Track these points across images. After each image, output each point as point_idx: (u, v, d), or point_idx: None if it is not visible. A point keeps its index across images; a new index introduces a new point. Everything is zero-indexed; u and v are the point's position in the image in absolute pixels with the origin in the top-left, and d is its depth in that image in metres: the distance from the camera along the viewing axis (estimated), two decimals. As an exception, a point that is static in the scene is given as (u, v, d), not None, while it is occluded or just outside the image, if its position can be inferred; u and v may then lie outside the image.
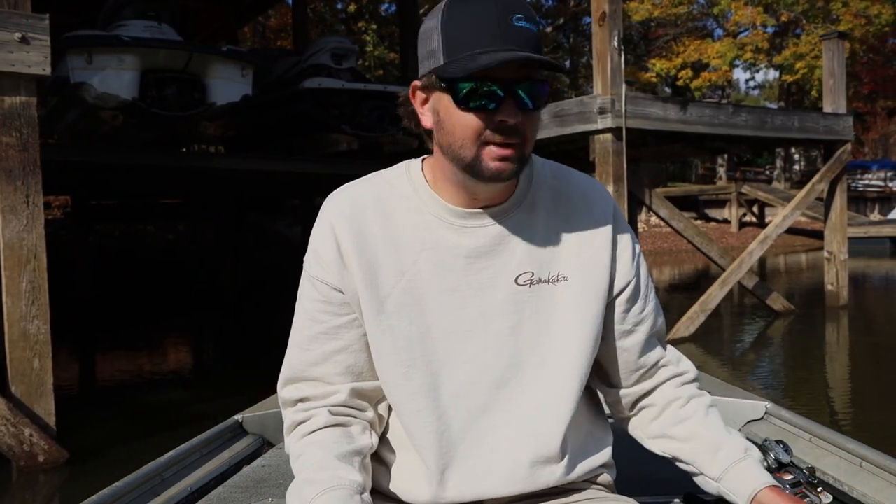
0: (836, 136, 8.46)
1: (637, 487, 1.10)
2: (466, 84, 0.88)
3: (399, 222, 1.00)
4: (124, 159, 6.66)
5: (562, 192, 1.04)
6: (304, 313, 1.03)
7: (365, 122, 7.34)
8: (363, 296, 0.97)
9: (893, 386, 5.53)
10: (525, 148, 0.93)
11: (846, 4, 22.89)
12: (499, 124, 0.89)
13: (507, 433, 0.99)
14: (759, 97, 39.45)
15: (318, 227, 1.02)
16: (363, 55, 23.28)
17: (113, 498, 1.29)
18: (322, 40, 8.52)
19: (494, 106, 0.89)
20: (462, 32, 0.89)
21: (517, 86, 0.89)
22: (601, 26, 6.43)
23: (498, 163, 0.91)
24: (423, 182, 1.01)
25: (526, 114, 0.91)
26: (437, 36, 0.91)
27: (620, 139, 6.46)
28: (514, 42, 0.87)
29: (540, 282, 1.00)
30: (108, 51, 5.87)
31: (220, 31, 12.61)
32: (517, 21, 0.88)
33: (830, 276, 8.72)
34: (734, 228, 21.79)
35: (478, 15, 0.88)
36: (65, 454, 3.83)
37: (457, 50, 0.89)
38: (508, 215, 1.00)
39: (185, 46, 6.28)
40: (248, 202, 12.76)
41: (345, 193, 1.03)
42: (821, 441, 1.54)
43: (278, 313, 10.72)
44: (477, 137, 0.91)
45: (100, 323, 9.51)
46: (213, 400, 5.27)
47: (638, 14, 25.38)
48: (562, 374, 1.00)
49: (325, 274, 0.99)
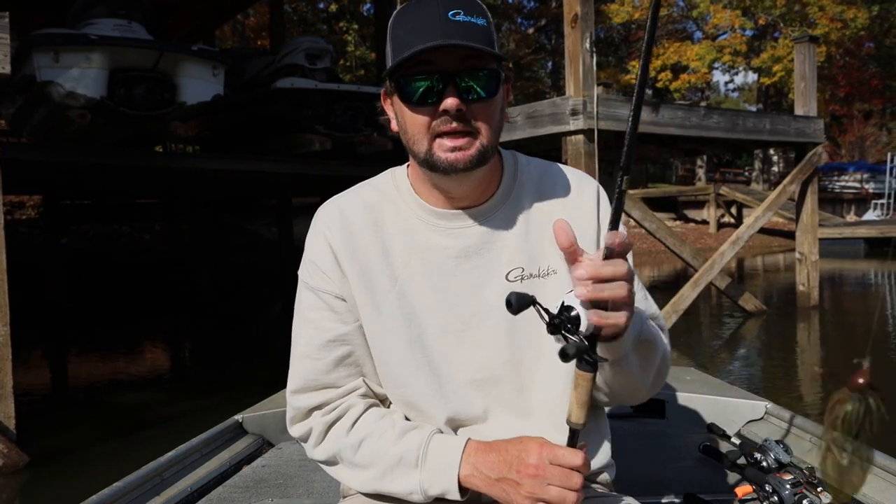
0: (808, 138, 8.55)
1: (637, 487, 1.11)
2: (409, 80, 0.92)
3: (389, 228, 1.02)
4: (95, 158, 6.59)
5: (548, 188, 1.06)
6: (308, 323, 1.03)
7: (338, 122, 7.31)
8: (360, 302, 1.00)
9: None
10: (481, 137, 0.94)
11: (822, 8, 23.20)
12: (442, 114, 0.92)
13: (505, 429, 1.00)
14: (739, 99, 39.84)
15: (312, 238, 1.04)
16: (344, 55, 23.21)
17: (113, 498, 1.31)
18: (296, 40, 8.48)
19: (435, 97, 0.92)
20: (405, 34, 0.93)
21: (457, 76, 0.92)
22: (573, 28, 6.46)
23: (451, 154, 0.93)
24: (408, 187, 1.04)
25: (474, 103, 0.93)
26: (388, 42, 0.96)
27: (592, 141, 6.49)
28: (453, 36, 0.90)
29: (531, 276, 1.01)
30: (75, 49, 5.81)
31: (198, 30, 12.48)
32: (454, 16, 0.90)
33: (802, 277, 8.81)
34: (712, 229, 21.97)
35: (419, 15, 0.92)
36: (25, 458, 3.77)
37: (399, 51, 0.92)
38: (493, 213, 1.02)
39: (154, 45, 6.22)
40: (225, 202, 12.66)
41: (335, 204, 1.06)
42: (820, 441, 1.55)
43: (255, 314, 10.66)
44: (427, 130, 0.94)
45: (72, 325, 9.39)
46: (186, 402, 5.24)
47: (618, 16, 25.56)
48: (560, 369, 1.00)
49: (326, 283, 1.01)
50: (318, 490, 1.57)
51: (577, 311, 0.80)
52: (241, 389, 4.93)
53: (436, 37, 0.89)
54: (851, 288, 12.71)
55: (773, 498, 1.34)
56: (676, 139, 7.85)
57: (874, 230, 18.22)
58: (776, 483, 1.35)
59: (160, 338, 8.98)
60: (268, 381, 2.05)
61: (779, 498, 1.33)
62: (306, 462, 1.72)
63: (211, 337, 8.81)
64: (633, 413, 1.98)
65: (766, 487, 1.36)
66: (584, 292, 0.79)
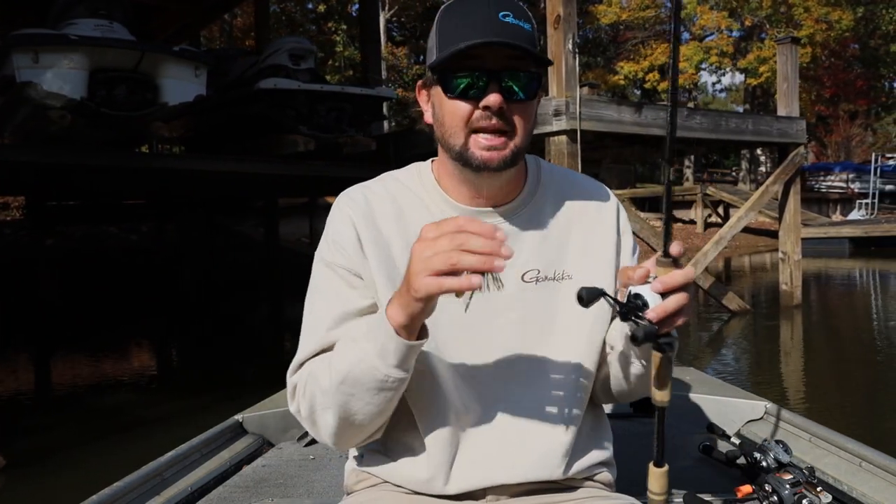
0: (790, 138, 8.63)
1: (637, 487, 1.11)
2: (454, 73, 0.94)
3: (411, 219, 1.03)
4: (77, 159, 6.53)
5: (568, 195, 1.08)
6: (324, 298, 1.01)
7: (322, 122, 7.30)
8: (380, 286, 0.99)
9: (828, 379, 5.67)
10: (516, 138, 0.97)
11: (808, 10, 23.39)
12: (484, 110, 0.93)
13: (512, 426, 1.01)
14: (727, 100, 40.08)
15: (336, 217, 1.04)
16: (333, 55, 23.17)
17: (113, 497, 1.30)
18: (280, 40, 8.44)
19: (478, 92, 0.94)
20: (453, 29, 0.95)
21: (502, 74, 0.94)
22: (556, 29, 6.49)
23: (485, 152, 0.95)
24: (432, 181, 1.05)
25: (513, 104, 0.95)
26: (434, 35, 0.98)
27: (575, 141, 6.52)
28: (504, 35, 0.92)
29: (546, 279, 1.03)
30: (55, 49, 5.76)
31: (183, 30, 12.42)
32: (504, 17, 0.93)
33: (785, 276, 8.89)
34: (700, 229, 22.07)
35: (469, 13, 0.94)
36: (1, 461, 3.75)
37: (447, 45, 0.94)
38: (516, 214, 1.04)
39: (135, 45, 6.17)
40: (212, 203, 12.61)
41: (359, 190, 1.06)
42: (820, 441, 1.56)
43: (242, 315, 10.62)
44: (465, 124, 0.95)
45: (57, 326, 9.32)
46: (171, 404, 5.22)
47: (606, 17, 25.69)
48: (565, 371, 1.03)
49: (346, 261, 1.01)
50: (319, 490, 1.56)
51: (646, 298, 0.83)
52: (231, 391, 4.93)
53: (487, 34, 0.91)
54: (835, 287, 12.81)
55: (773, 497, 1.34)
56: (660, 139, 7.91)
57: (858, 230, 18.37)
58: (776, 483, 1.35)
59: (146, 338, 8.93)
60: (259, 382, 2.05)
61: (778, 497, 1.34)
62: (307, 462, 1.72)
63: (197, 337, 8.77)
64: (633, 413, 1.97)
65: (766, 487, 1.37)
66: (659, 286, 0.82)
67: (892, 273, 14.52)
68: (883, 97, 31.89)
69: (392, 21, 25.81)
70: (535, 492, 1.04)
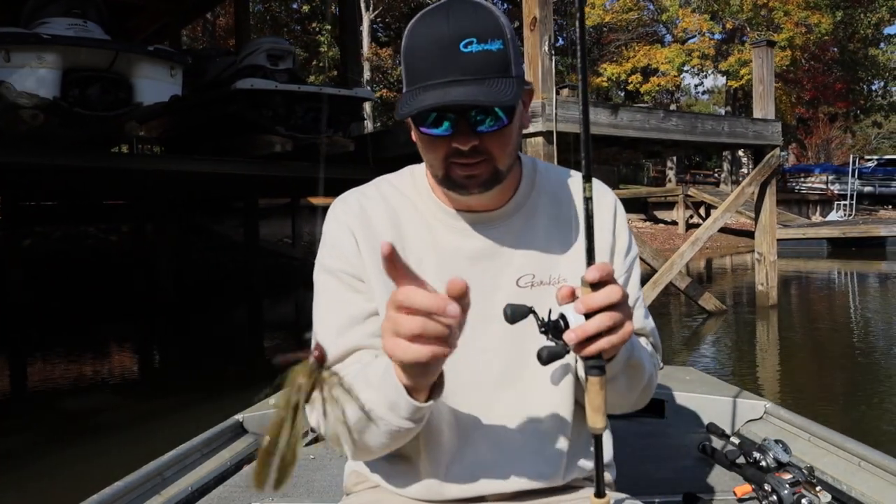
0: (765, 140, 8.72)
1: (637, 487, 1.11)
2: (423, 113, 0.90)
3: (405, 224, 1.02)
4: (50, 159, 6.48)
5: (563, 196, 1.06)
6: (330, 307, 1.01)
7: (300, 123, 7.28)
8: (377, 291, 0.99)
9: (802, 375, 5.75)
10: (496, 162, 0.94)
11: (788, 13, 23.64)
12: (455, 150, 0.92)
13: (508, 431, 1.01)
14: (709, 102, 40.43)
15: (333, 223, 1.03)
16: (317, 56, 23.11)
17: (114, 497, 1.30)
18: (258, 40, 8.41)
19: (449, 133, 0.91)
20: (416, 61, 0.91)
21: (469, 113, 0.90)
22: (532, 31, 6.52)
23: (465, 180, 0.94)
24: (426, 186, 1.04)
25: (485, 135, 0.92)
26: (402, 60, 0.94)
27: (552, 143, 6.55)
28: (465, 71, 0.88)
29: (541, 283, 1.02)
30: (27, 49, 5.70)
31: (163, 29, 12.35)
32: (466, 48, 0.87)
33: (761, 277, 8.98)
34: (681, 230, 22.26)
35: (430, 43, 0.89)
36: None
37: (413, 79, 0.91)
38: (509, 218, 1.03)
39: (109, 45, 6.13)
40: (192, 204, 12.53)
41: (353, 195, 1.05)
42: (819, 440, 1.56)
43: (221, 316, 10.57)
44: (441, 157, 0.94)
45: (34, 328, 9.23)
46: (147, 405, 5.18)
47: (590, 19, 25.78)
48: (562, 375, 1.02)
49: (348, 265, 1.00)
50: (319, 490, 1.57)
51: (569, 319, 0.82)
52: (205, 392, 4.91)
53: (448, 72, 0.87)
54: (811, 287, 12.97)
55: (772, 497, 1.35)
56: (637, 141, 7.96)
57: (836, 230, 18.58)
58: (775, 482, 1.36)
59: (123, 340, 8.86)
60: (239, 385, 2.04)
61: (778, 497, 1.34)
62: (307, 462, 1.74)
63: (177, 339, 8.72)
64: (633, 413, 2.01)
65: (765, 487, 1.37)
66: (581, 307, 0.81)
67: (868, 273, 14.72)
68: (862, 100, 32.29)
69: (377, 22, 25.77)
70: (534, 494, 1.03)
